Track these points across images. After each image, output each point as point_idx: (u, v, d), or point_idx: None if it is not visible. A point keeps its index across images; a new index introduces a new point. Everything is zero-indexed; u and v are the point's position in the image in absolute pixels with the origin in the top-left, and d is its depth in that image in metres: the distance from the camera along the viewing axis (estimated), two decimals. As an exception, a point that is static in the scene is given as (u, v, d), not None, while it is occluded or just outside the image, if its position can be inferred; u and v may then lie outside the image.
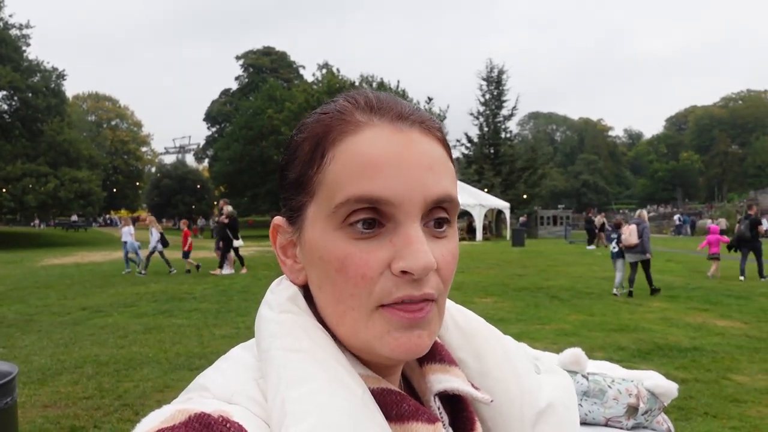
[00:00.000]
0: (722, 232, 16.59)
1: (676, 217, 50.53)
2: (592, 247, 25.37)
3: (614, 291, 10.82)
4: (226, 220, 14.82)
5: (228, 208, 15.16)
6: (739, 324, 8.10)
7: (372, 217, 0.53)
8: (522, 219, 36.16)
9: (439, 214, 0.56)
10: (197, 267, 15.50)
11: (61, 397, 5.00)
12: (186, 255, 15.62)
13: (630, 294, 10.62)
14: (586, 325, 7.91)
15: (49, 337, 7.48)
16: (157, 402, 4.84)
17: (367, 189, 0.52)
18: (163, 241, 15.51)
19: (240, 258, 15.40)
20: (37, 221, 54.33)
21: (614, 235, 11.34)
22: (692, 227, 41.11)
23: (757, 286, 12.11)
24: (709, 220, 32.49)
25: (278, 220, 0.62)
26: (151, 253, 15.48)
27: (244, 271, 15.09)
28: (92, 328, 7.97)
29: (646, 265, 10.76)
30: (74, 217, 47.95)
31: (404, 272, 0.52)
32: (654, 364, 5.99)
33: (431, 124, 0.58)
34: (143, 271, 15.10)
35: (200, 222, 51.00)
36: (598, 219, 27.97)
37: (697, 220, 43.26)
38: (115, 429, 4.29)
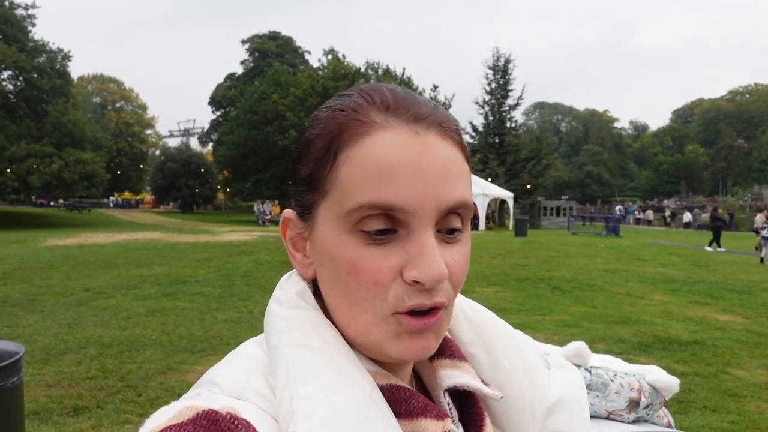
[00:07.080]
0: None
1: (617, 207, 55.59)
2: (722, 249, 20.20)
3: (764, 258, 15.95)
4: None
5: None
6: (740, 319, 8.10)
7: (386, 225, 0.52)
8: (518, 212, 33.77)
9: (453, 221, 0.55)
10: None
11: (65, 377, 5.03)
12: None
13: None
14: (587, 317, 7.93)
15: (52, 317, 7.53)
16: (159, 384, 4.90)
17: (381, 196, 0.51)
18: None
19: None
20: (60, 201, 54.10)
21: (766, 224, 16.52)
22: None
23: (760, 281, 12.10)
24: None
25: (288, 213, 0.61)
26: None
27: None
28: (95, 309, 8.01)
29: None
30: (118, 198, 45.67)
31: (416, 281, 0.52)
32: (654, 357, 6.01)
33: (449, 126, 0.56)
34: None
35: (261, 207, 41.08)
36: (761, 217, 20.52)
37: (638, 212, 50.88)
38: (117, 410, 4.31)
